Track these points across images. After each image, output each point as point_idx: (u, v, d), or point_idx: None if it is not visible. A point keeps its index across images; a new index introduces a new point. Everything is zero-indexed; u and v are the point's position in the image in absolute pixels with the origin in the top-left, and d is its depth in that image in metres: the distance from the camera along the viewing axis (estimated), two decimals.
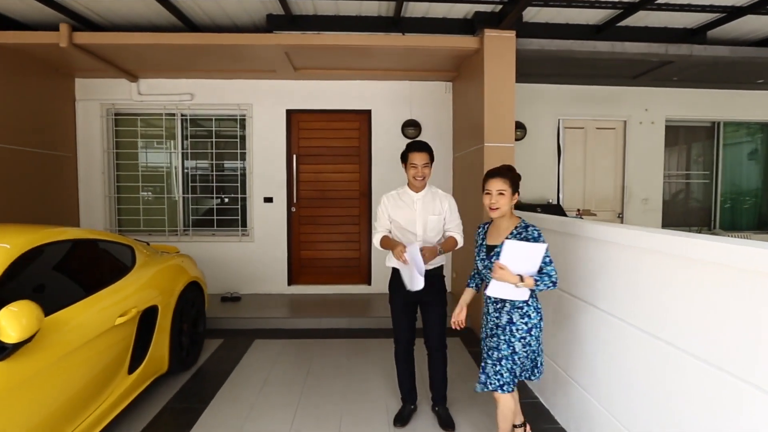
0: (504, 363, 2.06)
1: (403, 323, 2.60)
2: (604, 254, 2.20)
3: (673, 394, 1.69)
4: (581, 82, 5.38)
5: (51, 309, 2.02)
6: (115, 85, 4.99)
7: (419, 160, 2.47)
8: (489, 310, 2.16)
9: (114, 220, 5.15)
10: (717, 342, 1.49)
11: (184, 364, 3.26)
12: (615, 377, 2.09)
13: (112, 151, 5.12)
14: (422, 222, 2.50)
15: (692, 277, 1.61)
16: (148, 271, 2.95)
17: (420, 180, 2.49)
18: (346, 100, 5.17)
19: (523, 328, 2.05)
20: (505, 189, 2.05)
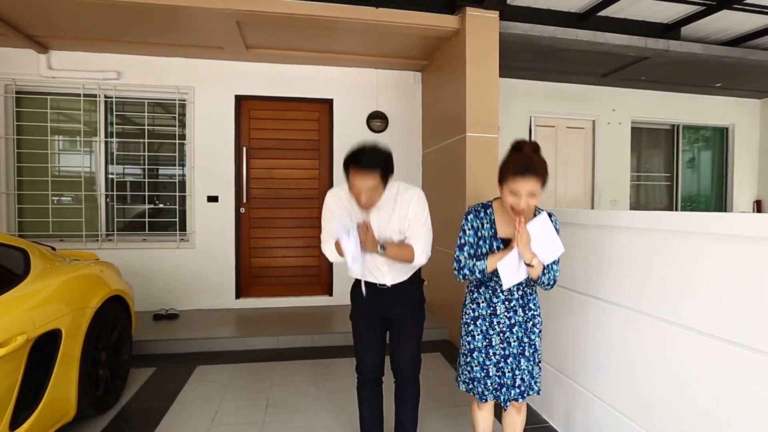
0: (523, 370, 1.78)
1: (367, 346, 1.94)
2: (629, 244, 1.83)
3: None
4: (553, 79, 5.20)
5: None
6: (18, 57, 4.04)
7: (365, 183, 1.68)
8: (497, 311, 1.76)
9: (13, 223, 4.15)
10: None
11: (101, 405, 2.49)
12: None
13: (12, 138, 4.14)
14: (380, 234, 1.82)
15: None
16: (47, 282, 2.19)
17: (366, 204, 1.76)
18: (306, 87, 4.59)
19: (539, 321, 1.82)
20: (537, 191, 1.60)
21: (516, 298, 1.76)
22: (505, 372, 1.76)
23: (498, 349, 1.76)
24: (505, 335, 1.76)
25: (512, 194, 1.61)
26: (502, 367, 1.76)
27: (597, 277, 2.09)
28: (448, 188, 3.92)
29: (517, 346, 1.76)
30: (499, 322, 1.76)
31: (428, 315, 4.38)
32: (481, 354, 1.77)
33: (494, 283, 1.76)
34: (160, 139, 4.50)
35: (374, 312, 1.92)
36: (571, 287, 2.26)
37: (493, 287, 1.77)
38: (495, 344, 1.76)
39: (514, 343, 1.76)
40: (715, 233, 1.49)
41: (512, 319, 1.76)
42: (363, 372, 1.97)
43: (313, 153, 4.74)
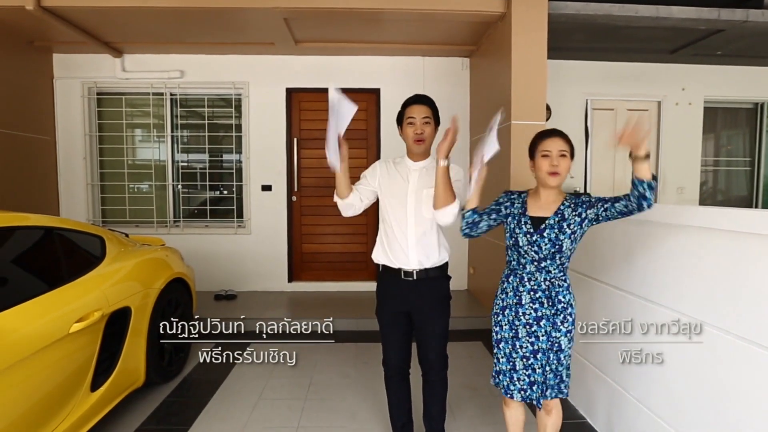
0: (551, 366, 1.71)
1: (392, 340, 2.00)
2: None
3: None
4: (612, 58, 4.86)
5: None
6: (98, 61, 4.50)
7: (418, 114, 1.87)
8: (523, 301, 1.73)
9: (97, 211, 4.69)
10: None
11: (166, 374, 2.80)
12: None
13: (95, 135, 4.64)
14: (415, 199, 1.89)
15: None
16: (120, 265, 2.48)
17: (419, 140, 1.87)
18: (353, 78, 4.67)
19: (569, 320, 1.71)
20: (567, 150, 1.66)
21: (543, 289, 1.71)
22: (536, 368, 1.71)
23: (525, 342, 1.72)
24: (532, 328, 1.71)
25: (544, 156, 1.66)
26: (532, 363, 1.71)
27: (640, 274, 2.00)
28: (493, 177, 3.84)
29: (546, 341, 1.70)
30: (525, 313, 1.72)
31: (473, 303, 4.38)
32: (508, 345, 1.76)
33: (522, 271, 1.74)
34: (219, 131, 4.83)
35: (399, 307, 1.95)
36: (609, 282, 2.18)
37: (521, 276, 1.74)
38: (522, 336, 1.72)
39: (542, 337, 1.70)
40: (755, 233, 1.39)
41: (539, 312, 1.71)
42: (389, 366, 2.04)
43: (361, 142, 4.84)
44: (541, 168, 1.68)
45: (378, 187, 1.98)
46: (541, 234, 1.68)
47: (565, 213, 1.68)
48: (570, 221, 1.67)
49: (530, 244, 1.69)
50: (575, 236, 1.67)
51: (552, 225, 1.68)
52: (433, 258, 1.91)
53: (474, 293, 4.59)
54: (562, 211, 1.69)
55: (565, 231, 1.66)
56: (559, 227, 1.67)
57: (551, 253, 1.67)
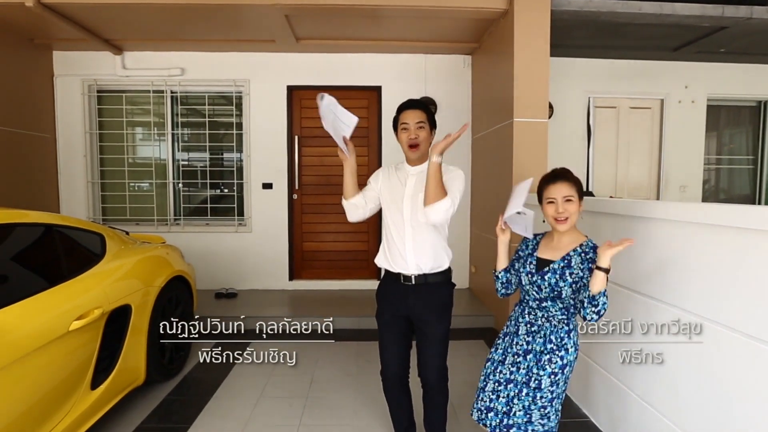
0: (521, 401, 1.64)
1: (390, 343, 1.96)
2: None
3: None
4: (615, 56, 4.83)
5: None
6: (98, 59, 4.48)
7: (412, 119, 1.85)
8: (519, 331, 1.74)
9: (98, 208, 4.68)
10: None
11: (167, 372, 2.79)
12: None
13: (95, 132, 4.63)
14: (411, 202, 1.87)
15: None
16: (120, 263, 2.47)
17: (413, 146, 1.85)
18: (354, 76, 4.65)
19: (557, 363, 1.63)
20: (573, 194, 1.63)
21: (539, 324, 1.69)
22: (500, 396, 1.67)
23: (506, 370, 1.70)
24: (518, 359, 1.68)
25: (549, 203, 1.65)
26: (500, 390, 1.68)
27: (641, 272, 1.98)
28: (496, 176, 3.84)
29: (524, 375, 1.65)
30: (518, 344, 1.71)
31: (474, 302, 4.35)
32: (492, 365, 1.76)
33: (526, 304, 1.74)
34: (220, 129, 4.81)
35: (397, 311, 1.92)
36: (613, 280, 2.17)
37: (524, 308, 1.75)
38: (506, 363, 1.71)
39: (522, 370, 1.66)
40: (763, 230, 1.37)
41: (530, 345, 1.68)
42: (386, 375, 2.00)
43: (362, 140, 4.81)
44: (547, 214, 1.67)
45: (380, 192, 1.97)
46: (542, 276, 1.66)
47: (573, 260, 1.64)
48: (574, 270, 1.62)
49: (531, 284, 1.69)
50: (577, 286, 1.61)
51: (555, 270, 1.65)
52: (431, 263, 1.88)
53: (475, 292, 4.57)
54: (570, 257, 1.64)
55: (566, 279, 1.62)
56: (561, 273, 1.63)
57: (551, 296, 1.65)
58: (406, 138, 1.87)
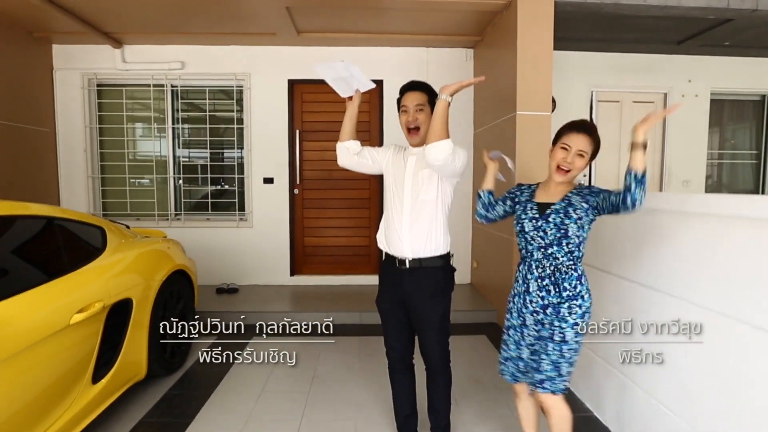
0: (549, 356, 1.66)
1: (391, 329, 1.97)
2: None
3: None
4: (618, 49, 4.80)
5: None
6: (97, 52, 4.45)
7: (411, 101, 1.84)
8: (530, 288, 1.70)
9: (98, 203, 4.66)
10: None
11: (168, 367, 2.78)
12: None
13: (95, 127, 4.60)
14: (412, 180, 1.86)
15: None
16: (121, 257, 2.45)
17: (412, 130, 1.85)
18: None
19: (577, 312, 1.64)
20: (587, 151, 1.63)
21: (548, 275, 1.66)
22: (541, 357, 1.67)
23: (532, 330, 1.70)
24: (539, 316, 1.67)
25: (562, 149, 1.64)
26: (538, 351, 1.68)
27: (648, 264, 1.96)
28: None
29: (548, 329, 1.66)
30: (532, 301, 1.69)
31: (477, 297, 4.33)
32: (516, 332, 1.75)
33: (530, 258, 1.71)
34: (221, 124, 4.78)
35: (394, 296, 1.91)
36: (616, 272, 2.15)
37: (529, 263, 1.72)
38: (529, 324, 1.70)
39: (547, 325, 1.66)
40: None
41: (545, 299, 1.66)
42: (390, 355, 2.01)
43: (363, 135, 4.79)
44: (554, 158, 1.67)
45: (384, 166, 1.97)
46: (546, 219, 1.66)
47: (572, 199, 1.66)
48: (576, 207, 1.64)
49: (536, 230, 1.68)
50: (581, 222, 1.62)
51: (558, 210, 1.66)
52: (427, 246, 1.84)
53: (477, 287, 4.55)
54: (569, 197, 1.67)
55: (571, 216, 1.63)
56: (565, 212, 1.64)
57: (557, 238, 1.63)
58: (405, 121, 1.87)
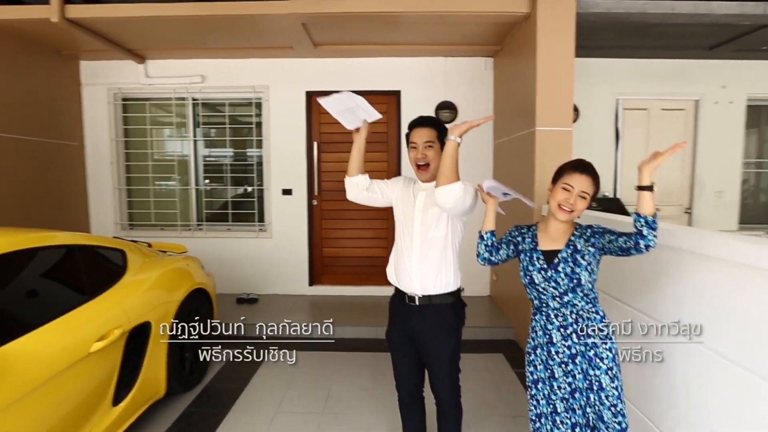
0: (584, 407, 1.59)
1: (400, 364, 1.95)
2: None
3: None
4: (645, 56, 4.61)
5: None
6: (122, 68, 4.58)
7: (420, 137, 1.81)
8: (554, 339, 1.63)
9: (124, 214, 4.81)
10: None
11: (187, 384, 2.85)
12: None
13: (121, 140, 4.75)
14: (422, 217, 1.84)
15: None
16: (140, 280, 2.52)
17: (422, 165, 1.81)
18: (373, 80, 4.60)
19: (608, 356, 1.58)
20: (589, 193, 1.59)
21: (570, 323, 1.61)
22: (575, 409, 1.61)
23: (563, 383, 1.62)
24: (568, 367, 1.60)
25: (564, 190, 1.59)
26: (572, 404, 1.61)
27: (666, 301, 1.88)
28: (518, 183, 3.73)
29: (583, 380, 1.59)
30: (558, 352, 1.62)
31: (495, 312, 4.25)
32: (546, 386, 1.66)
33: (546, 308, 1.66)
34: (240, 136, 4.85)
35: (404, 332, 1.90)
36: (635, 305, 2.07)
37: (546, 313, 1.66)
38: (558, 377, 1.63)
39: (579, 375, 1.59)
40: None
41: (572, 349, 1.60)
42: (399, 390, 2.01)
43: (381, 146, 4.77)
44: (555, 197, 1.61)
45: (394, 200, 1.96)
46: (555, 269, 1.60)
47: (578, 244, 1.60)
48: (584, 252, 1.59)
49: (546, 281, 1.62)
50: (591, 267, 1.58)
51: (566, 258, 1.60)
52: (438, 283, 1.82)
53: (496, 300, 4.49)
54: (573, 242, 1.61)
55: (581, 263, 1.57)
56: (574, 260, 1.58)
57: (570, 287, 1.58)
58: (414, 158, 1.84)
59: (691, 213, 4.82)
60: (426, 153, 1.81)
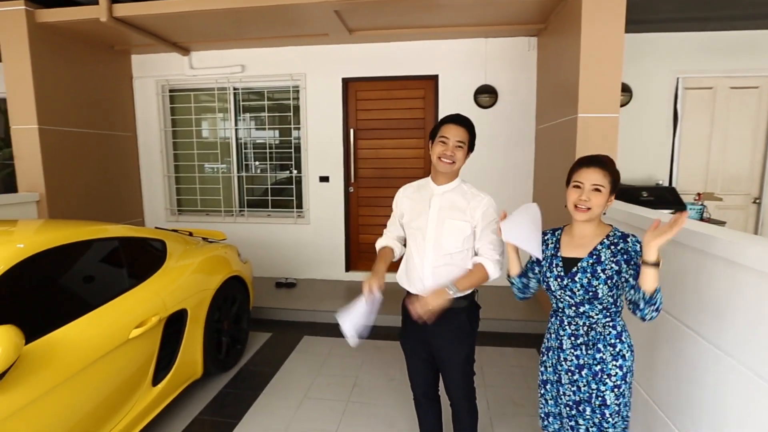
0: (589, 422, 1.54)
1: (413, 366, 1.96)
2: None
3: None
4: (711, 28, 4.14)
5: (44, 329, 1.77)
6: (168, 60, 4.78)
7: (453, 134, 1.72)
8: (563, 345, 1.57)
9: (173, 200, 5.10)
10: None
11: (223, 366, 3.02)
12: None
13: (169, 130, 5.00)
14: (436, 228, 1.76)
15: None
16: (178, 269, 2.67)
17: (447, 162, 1.73)
18: (410, 65, 4.49)
19: (617, 374, 1.49)
20: (603, 185, 1.46)
21: (581, 334, 1.53)
22: (579, 421, 1.56)
23: (567, 390, 1.58)
24: (574, 377, 1.55)
25: (575, 188, 1.49)
26: (575, 415, 1.57)
27: (696, 309, 1.72)
28: (558, 173, 3.54)
29: (586, 392, 1.53)
30: (566, 359, 1.57)
31: (531, 305, 4.12)
32: (554, 388, 1.63)
33: (562, 313, 1.59)
34: (279, 123, 4.94)
35: (417, 336, 1.87)
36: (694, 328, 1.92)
37: (561, 318, 1.59)
38: (564, 383, 1.58)
39: (584, 387, 1.53)
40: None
41: (580, 359, 1.54)
42: (414, 390, 2.01)
43: (418, 132, 4.69)
44: (569, 199, 1.50)
45: (406, 213, 1.89)
46: (572, 278, 1.50)
47: (602, 255, 1.48)
48: (606, 266, 1.46)
49: (562, 289, 1.53)
50: (612, 282, 1.45)
51: (585, 268, 1.49)
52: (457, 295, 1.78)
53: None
54: (598, 252, 1.49)
55: (599, 276, 1.46)
56: (593, 271, 1.47)
57: (586, 299, 1.49)
58: (441, 152, 1.75)
59: (761, 203, 4.36)
60: (455, 152, 1.74)
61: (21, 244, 1.89)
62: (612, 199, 1.48)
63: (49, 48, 3.86)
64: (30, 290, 1.89)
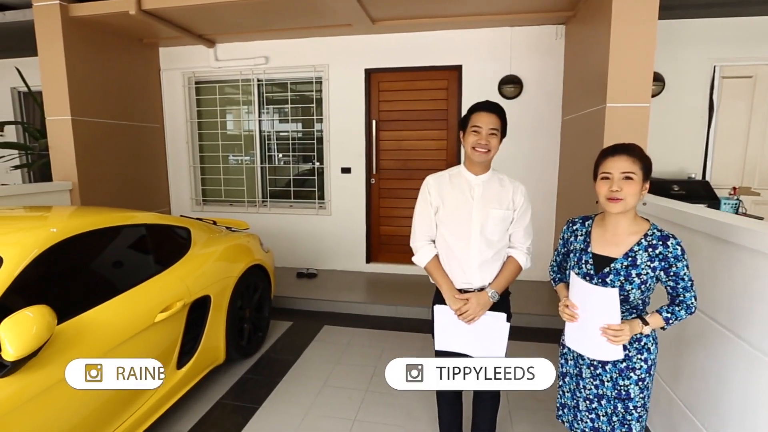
0: (615, 414, 1.50)
1: (444, 355, 1.92)
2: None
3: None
4: (750, 12, 3.92)
5: (75, 310, 1.84)
6: (194, 52, 4.86)
7: (485, 123, 1.70)
8: None
9: (198, 190, 5.21)
10: None
11: (245, 352, 3.08)
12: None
13: (195, 121, 5.10)
14: (481, 219, 1.74)
15: None
16: (202, 256, 2.73)
17: (482, 151, 1.71)
18: (433, 55, 4.44)
19: (642, 367, 1.45)
20: (634, 171, 1.37)
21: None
22: (599, 415, 1.53)
23: (589, 384, 1.54)
24: (597, 371, 1.51)
25: (603, 179, 1.41)
26: (596, 408, 1.53)
27: (728, 305, 1.65)
28: (585, 165, 3.44)
29: (611, 388, 1.49)
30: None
31: (555, 300, 4.08)
32: (573, 381, 1.60)
33: None
34: (302, 114, 4.97)
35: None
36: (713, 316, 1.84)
37: None
38: (585, 377, 1.55)
39: (608, 383, 1.49)
40: None
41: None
42: None
43: (440, 123, 4.64)
44: (600, 192, 1.42)
45: (438, 205, 1.82)
46: (603, 279, 1.42)
47: (638, 258, 1.39)
48: (641, 269, 1.38)
49: None
50: (646, 286, 1.39)
51: (618, 270, 1.40)
52: (494, 275, 1.81)
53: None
54: (634, 253, 1.40)
55: (633, 281, 1.38)
56: (627, 275, 1.39)
57: None
58: (475, 141, 1.72)
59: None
60: (489, 140, 1.72)
61: (54, 228, 1.96)
62: (646, 187, 1.40)
63: (82, 42, 3.98)
64: (62, 273, 1.97)
